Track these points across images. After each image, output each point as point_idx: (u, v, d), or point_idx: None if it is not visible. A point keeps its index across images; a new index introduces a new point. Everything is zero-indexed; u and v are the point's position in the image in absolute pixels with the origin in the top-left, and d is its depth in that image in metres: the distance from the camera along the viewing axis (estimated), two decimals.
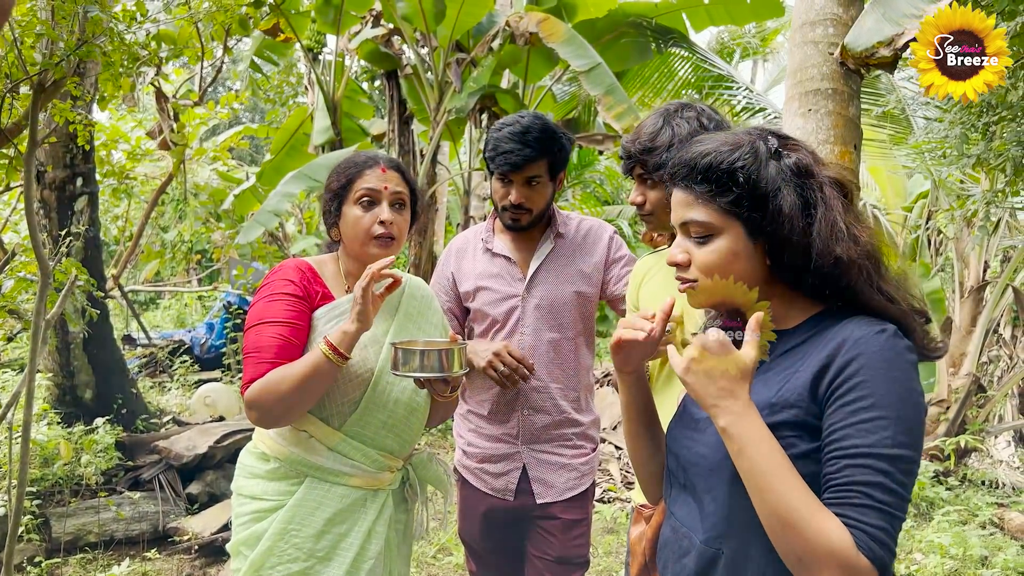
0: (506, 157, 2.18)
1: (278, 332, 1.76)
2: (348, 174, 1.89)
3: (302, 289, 1.83)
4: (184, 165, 7.25)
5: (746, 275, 1.19)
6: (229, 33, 6.15)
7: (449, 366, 1.74)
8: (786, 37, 18.41)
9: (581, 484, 2.34)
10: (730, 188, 1.18)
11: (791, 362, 1.18)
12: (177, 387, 7.31)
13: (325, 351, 1.68)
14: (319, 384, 1.71)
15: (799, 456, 1.09)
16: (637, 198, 1.83)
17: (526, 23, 6.42)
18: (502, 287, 2.34)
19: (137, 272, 12.66)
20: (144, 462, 4.82)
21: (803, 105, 3.14)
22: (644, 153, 1.76)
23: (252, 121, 19.32)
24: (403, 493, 2.01)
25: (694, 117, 1.77)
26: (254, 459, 1.91)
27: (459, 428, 2.48)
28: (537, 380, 2.29)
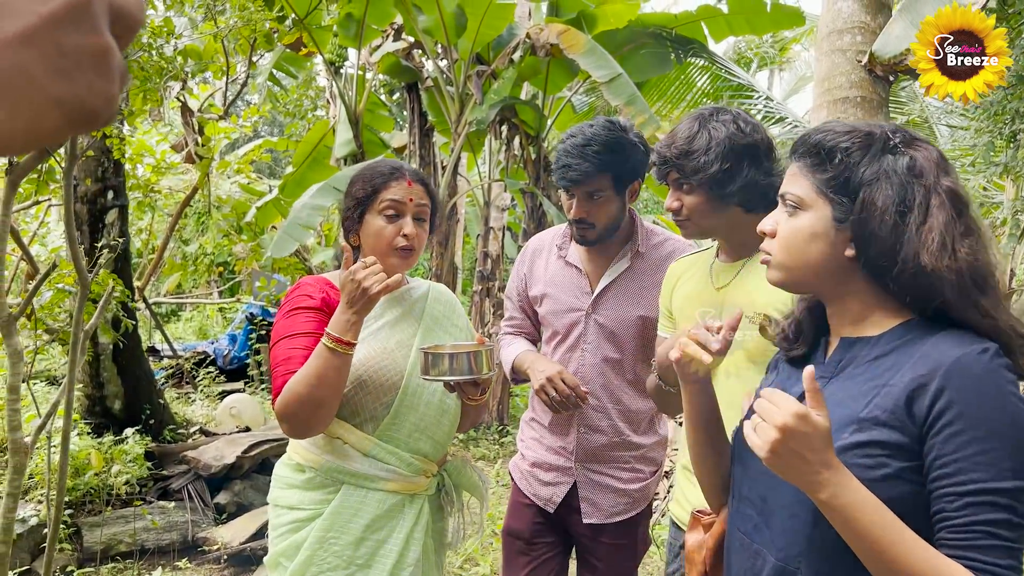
0: (563, 172, 2.12)
1: (301, 343, 1.78)
2: (374, 183, 1.90)
3: (322, 302, 1.86)
4: (209, 178, 7.34)
5: (822, 259, 1.16)
6: (255, 48, 6.23)
7: (478, 368, 1.75)
8: (804, 46, 18.38)
9: (632, 510, 2.28)
10: (826, 167, 1.16)
11: (877, 373, 1.12)
12: (202, 398, 7.37)
13: (327, 342, 1.69)
14: (333, 377, 1.70)
15: (890, 476, 1.04)
16: (673, 203, 1.80)
17: (547, 35, 6.46)
18: (568, 298, 2.29)
19: (159, 284, 12.78)
20: (173, 472, 4.87)
21: (831, 113, 3.14)
22: (681, 157, 1.74)
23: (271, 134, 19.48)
24: (439, 500, 2.03)
25: (730, 120, 1.75)
26: (289, 470, 1.93)
27: (523, 432, 2.47)
28: (595, 400, 2.25)
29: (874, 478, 1.04)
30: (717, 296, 1.81)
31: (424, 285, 2.09)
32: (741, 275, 1.79)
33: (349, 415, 1.85)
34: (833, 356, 1.22)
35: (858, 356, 1.16)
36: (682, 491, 1.89)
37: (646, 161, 2.21)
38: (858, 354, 1.16)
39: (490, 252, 8.19)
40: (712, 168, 1.71)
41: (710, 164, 1.71)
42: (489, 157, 8.57)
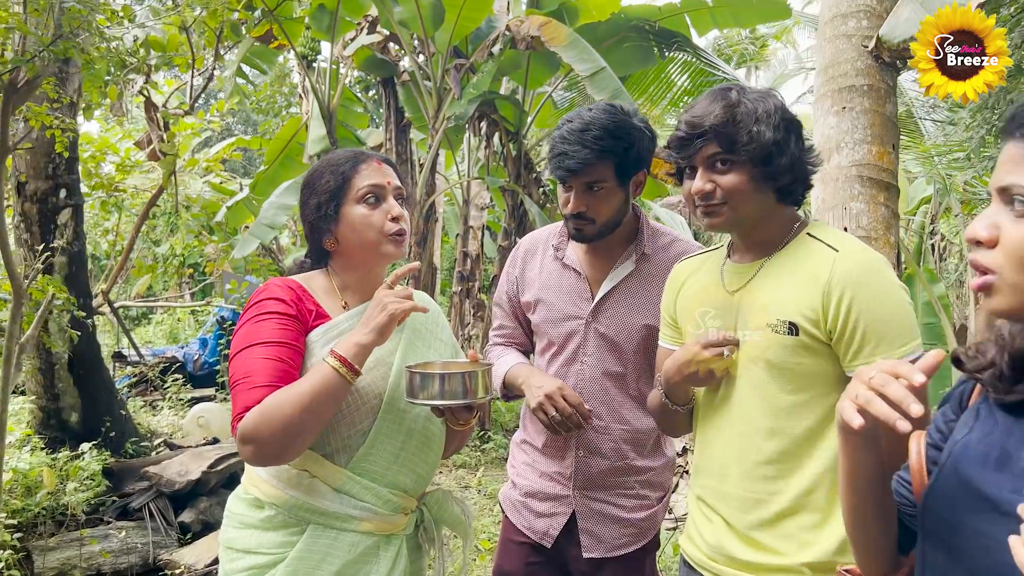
0: (560, 160, 1.88)
1: (271, 353, 1.52)
2: (343, 172, 1.67)
3: (293, 307, 1.60)
4: (175, 177, 7.02)
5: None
6: (221, 39, 5.94)
7: (473, 391, 1.52)
8: (784, 43, 18.33)
9: (637, 542, 2.04)
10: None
11: None
12: (169, 406, 7.06)
13: (334, 364, 1.46)
14: (328, 406, 1.48)
15: None
16: (706, 186, 1.51)
17: (527, 27, 6.23)
18: (565, 305, 2.04)
19: (128, 287, 12.41)
20: (133, 489, 4.58)
21: (836, 103, 2.93)
22: (726, 126, 1.47)
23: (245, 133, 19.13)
24: (417, 538, 1.78)
25: (765, 92, 1.54)
26: (245, 506, 1.66)
27: (513, 458, 2.21)
28: (597, 419, 2.00)
29: None
30: (731, 300, 1.58)
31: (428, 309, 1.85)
32: (759, 277, 1.56)
33: (318, 444, 1.58)
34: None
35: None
36: (696, 526, 1.65)
37: (653, 149, 1.97)
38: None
39: (469, 252, 7.96)
40: (766, 137, 1.47)
41: (762, 134, 1.47)
42: (468, 154, 8.34)
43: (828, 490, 1.45)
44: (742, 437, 1.53)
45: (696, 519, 1.65)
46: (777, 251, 1.56)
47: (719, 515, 1.57)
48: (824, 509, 1.46)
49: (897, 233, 2.93)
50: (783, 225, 1.58)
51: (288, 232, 11.33)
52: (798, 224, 1.59)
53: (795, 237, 1.57)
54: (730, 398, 1.56)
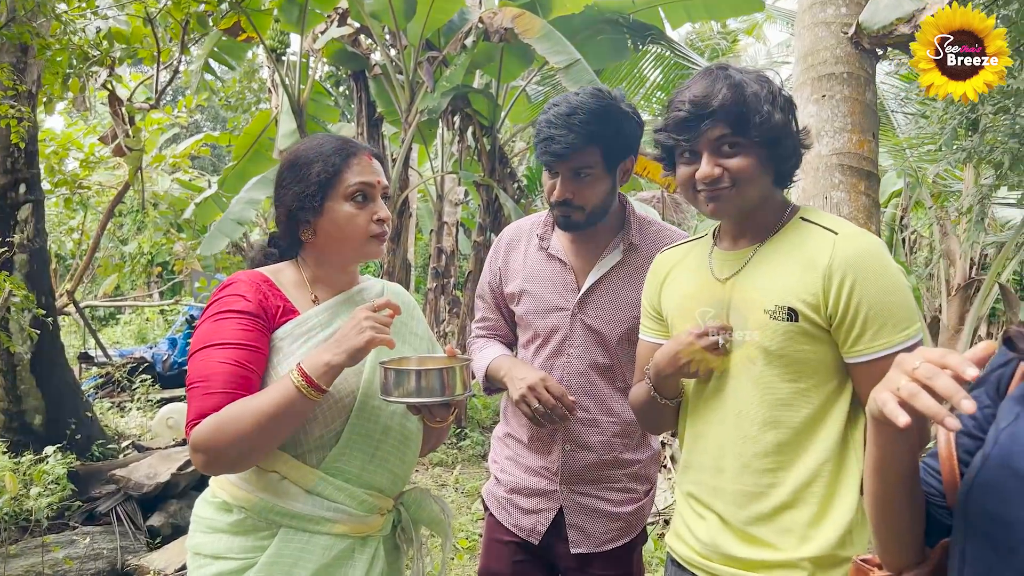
0: (546, 145, 1.82)
1: (230, 356, 1.45)
2: (334, 164, 1.59)
3: (257, 306, 1.52)
4: (141, 173, 6.87)
5: None
6: (187, 31, 5.79)
7: (452, 387, 1.45)
8: (756, 36, 18.44)
9: (625, 536, 1.99)
10: None
11: None
12: (138, 408, 6.90)
13: (297, 382, 1.38)
14: (288, 424, 1.41)
15: None
16: (713, 170, 1.43)
17: (500, 19, 6.16)
18: (550, 296, 1.98)
19: (95, 286, 12.17)
20: (100, 493, 4.45)
21: (816, 91, 2.90)
22: (735, 106, 1.40)
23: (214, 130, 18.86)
24: (395, 539, 1.70)
25: (757, 73, 1.47)
26: (213, 510, 1.58)
27: (496, 452, 2.15)
28: (584, 412, 1.95)
29: None
30: (721, 289, 1.52)
31: (378, 285, 1.78)
32: (753, 263, 1.50)
33: (288, 444, 1.51)
34: None
35: None
36: (686, 524, 1.59)
37: (640, 135, 1.92)
38: None
39: (444, 248, 7.88)
40: (776, 118, 1.41)
41: (772, 115, 1.41)
42: (441, 149, 8.25)
43: (828, 481, 1.41)
44: (738, 429, 1.47)
45: (686, 516, 1.59)
46: (771, 236, 1.51)
47: (713, 512, 1.52)
48: (824, 501, 1.41)
49: (878, 222, 2.91)
50: (777, 209, 1.53)
51: (259, 229, 11.17)
52: (790, 208, 1.55)
53: (789, 221, 1.52)
54: (724, 389, 1.50)
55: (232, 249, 8.65)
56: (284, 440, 1.46)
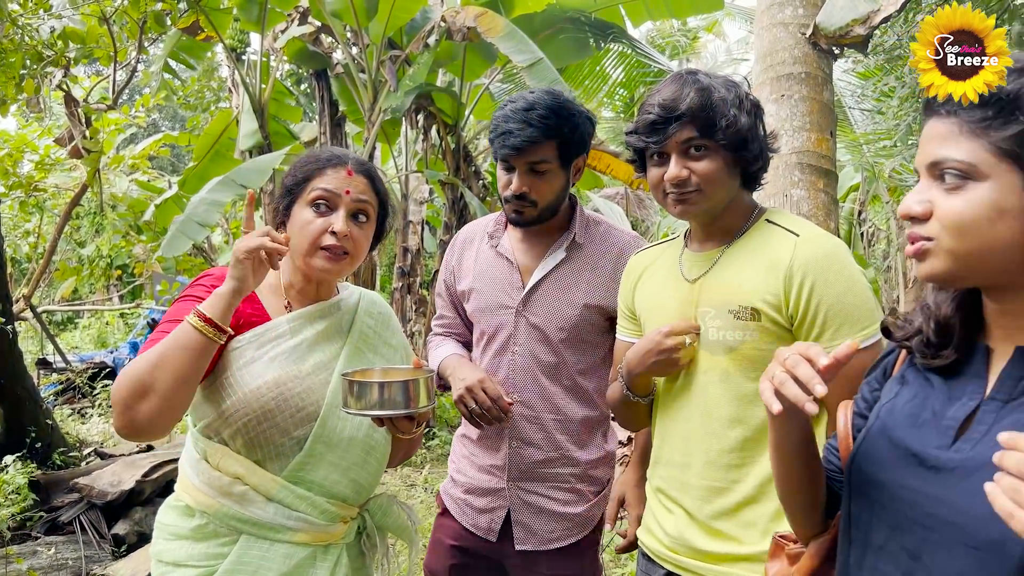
0: (505, 139, 1.85)
1: (171, 329, 1.45)
2: (307, 170, 1.59)
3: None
4: (99, 175, 6.74)
5: (1013, 242, 0.88)
6: (144, 31, 5.70)
7: (415, 400, 1.42)
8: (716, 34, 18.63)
9: (572, 535, 2.00)
10: (1014, 120, 0.87)
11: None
12: (99, 414, 6.78)
13: (191, 319, 1.38)
14: (179, 361, 1.37)
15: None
16: (681, 172, 1.47)
17: (463, 18, 6.16)
18: (496, 294, 2.01)
19: (52, 291, 11.90)
20: (63, 502, 4.37)
21: (775, 91, 2.96)
22: (704, 110, 1.44)
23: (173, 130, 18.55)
24: (360, 546, 1.70)
25: (724, 78, 1.53)
26: (176, 515, 1.57)
27: (455, 452, 2.17)
28: (528, 409, 1.97)
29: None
30: (691, 290, 1.56)
31: (355, 293, 1.76)
32: (720, 264, 1.54)
33: (247, 448, 1.50)
34: (1009, 371, 0.92)
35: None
36: (655, 518, 1.63)
37: (592, 135, 1.96)
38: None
39: (409, 247, 7.85)
40: (742, 123, 1.45)
41: (739, 119, 1.45)
42: (405, 148, 8.21)
43: None
44: (705, 426, 1.51)
45: (655, 511, 1.63)
46: (737, 238, 1.55)
47: (680, 506, 1.55)
48: None
49: (837, 219, 2.98)
50: (744, 212, 1.58)
51: (221, 230, 11.02)
52: (757, 210, 1.59)
53: (755, 223, 1.56)
54: (692, 388, 1.54)
55: (193, 251, 8.53)
56: (189, 389, 1.41)
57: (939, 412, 0.95)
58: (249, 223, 1.52)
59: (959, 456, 0.89)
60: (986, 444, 0.87)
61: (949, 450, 0.91)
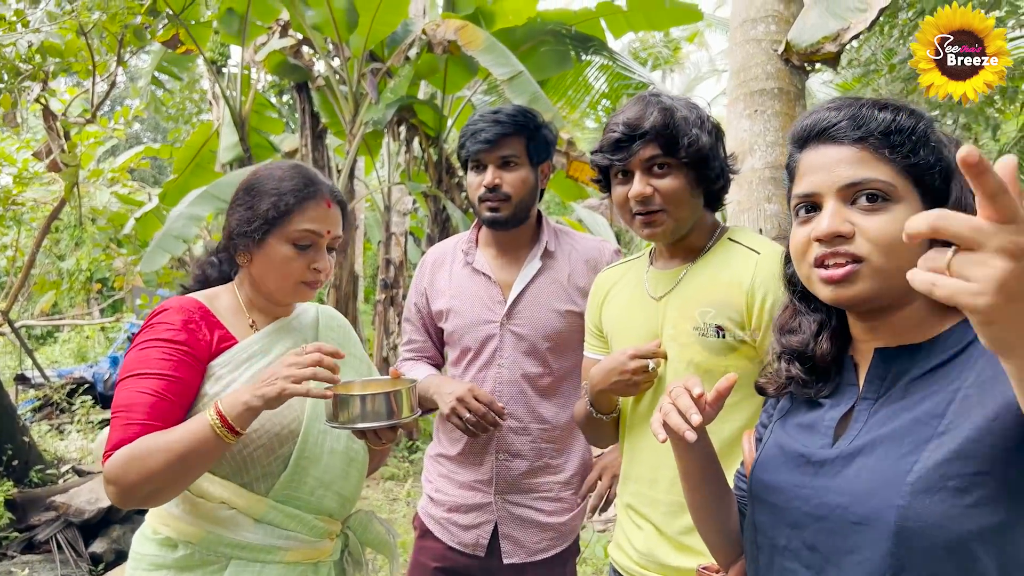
0: (476, 136, 1.95)
1: (151, 387, 1.42)
2: (287, 203, 1.55)
3: (187, 334, 1.49)
4: (78, 188, 6.69)
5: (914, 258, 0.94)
6: (123, 44, 5.68)
7: (399, 410, 1.42)
8: (697, 45, 18.79)
9: (556, 546, 2.04)
10: (918, 148, 0.96)
11: (945, 383, 0.93)
12: (78, 430, 6.71)
13: (214, 422, 1.34)
14: (200, 463, 1.38)
15: (986, 499, 0.85)
16: (645, 189, 1.50)
17: (443, 31, 6.18)
18: (478, 311, 2.03)
19: (32, 304, 11.79)
20: (39, 520, 4.31)
21: (748, 106, 2.99)
22: (667, 129, 1.48)
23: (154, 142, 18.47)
24: (343, 563, 1.69)
25: (686, 100, 1.58)
26: (156, 547, 1.53)
27: (429, 472, 2.17)
28: (516, 421, 1.99)
29: (968, 504, 0.86)
30: (657, 307, 1.58)
31: (311, 309, 1.75)
32: (684, 282, 1.56)
33: (234, 473, 1.49)
34: (873, 373, 1.01)
35: (908, 369, 0.98)
36: (625, 534, 1.64)
37: (555, 145, 2.06)
38: (907, 366, 0.98)
39: (392, 259, 7.85)
40: (703, 141, 1.49)
41: (700, 138, 1.49)
42: (388, 159, 8.22)
43: None
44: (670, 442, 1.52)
45: (625, 527, 1.64)
46: (701, 256, 1.58)
47: (649, 522, 1.56)
48: None
49: None
50: (707, 230, 1.61)
51: (202, 243, 10.96)
52: (719, 229, 1.62)
53: (717, 241, 1.59)
54: (658, 403, 1.55)
55: (175, 264, 8.48)
56: (196, 478, 1.42)
57: (820, 419, 1.05)
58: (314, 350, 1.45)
59: (838, 450, 0.99)
60: (861, 438, 0.97)
61: (831, 448, 1.00)
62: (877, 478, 0.91)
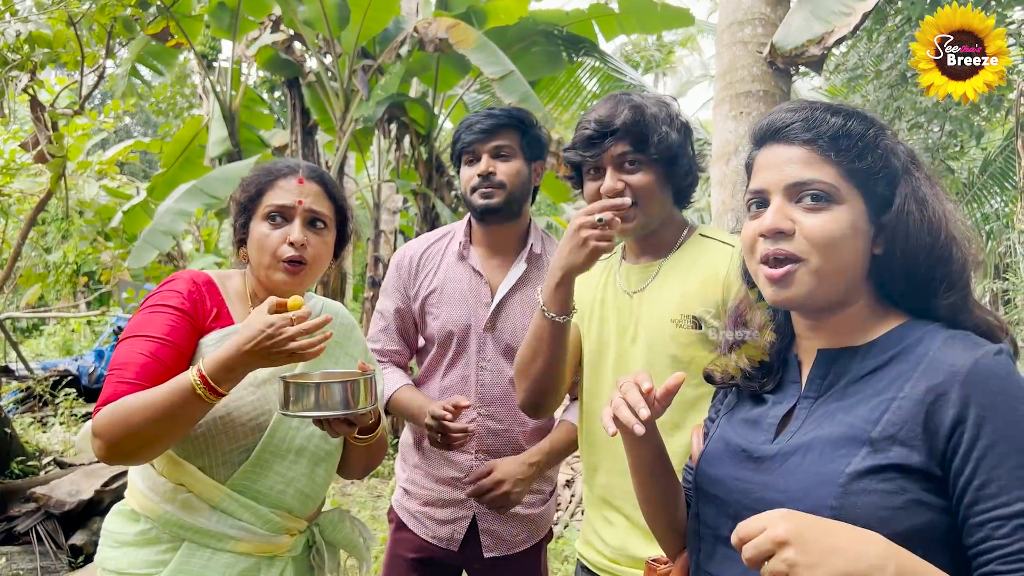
0: (469, 129, 1.98)
1: (149, 349, 1.45)
2: (259, 184, 1.60)
3: (189, 304, 1.52)
4: (65, 180, 6.65)
5: (854, 261, 1.00)
6: (112, 35, 5.66)
7: (355, 401, 1.39)
8: (688, 49, 18.86)
9: (535, 537, 2.07)
10: (865, 154, 0.99)
11: (881, 387, 0.97)
12: (61, 423, 6.68)
13: (194, 381, 1.35)
14: (181, 420, 1.39)
15: (913, 503, 0.90)
16: (616, 184, 1.53)
17: (435, 29, 6.18)
18: (464, 312, 2.02)
19: (17, 297, 11.71)
20: (19, 512, 4.30)
21: (734, 108, 3.01)
22: (636, 125, 1.51)
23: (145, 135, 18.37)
24: (309, 560, 1.68)
25: (659, 98, 1.61)
26: (121, 521, 1.56)
27: (402, 463, 2.16)
28: (496, 422, 2.01)
29: (896, 505, 0.90)
30: (630, 303, 1.60)
31: (318, 303, 1.76)
32: (659, 276, 1.58)
33: (195, 454, 1.50)
34: (814, 373, 1.06)
35: (848, 369, 1.02)
36: (594, 529, 1.64)
37: (548, 147, 2.08)
38: (847, 367, 1.02)
39: (381, 257, 7.83)
40: (672, 138, 1.53)
41: (669, 135, 1.52)
42: (378, 157, 8.21)
43: None
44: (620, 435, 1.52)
45: (595, 522, 1.64)
46: (673, 251, 1.61)
47: (621, 514, 1.57)
48: None
49: None
50: (677, 227, 1.64)
51: (192, 238, 10.92)
52: (689, 227, 1.66)
53: (689, 238, 1.62)
54: None
55: (163, 259, 8.45)
56: (180, 436, 1.43)
57: (764, 415, 1.09)
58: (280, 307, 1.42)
59: (777, 447, 1.02)
60: (800, 435, 1.01)
61: (772, 444, 1.03)
62: (812, 478, 0.95)
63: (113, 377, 1.43)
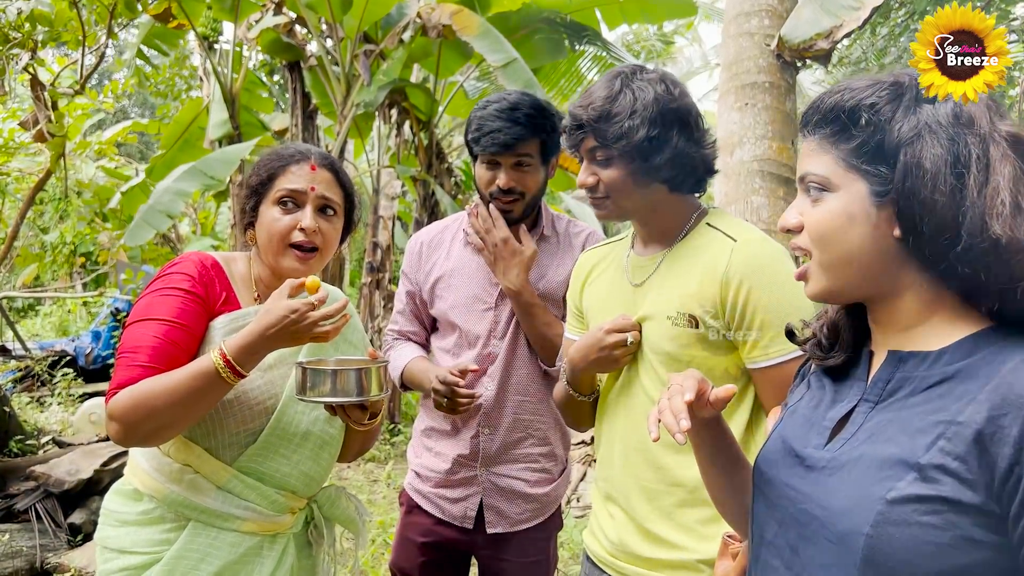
0: (493, 137, 1.93)
1: (162, 331, 1.45)
2: (271, 168, 1.61)
3: (201, 287, 1.53)
4: (64, 160, 6.64)
5: (865, 248, 0.93)
6: (114, 15, 5.63)
7: (368, 388, 1.44)
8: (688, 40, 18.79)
9: (539, 516, 2.08)
10: (852, 133, 0.93)
11: (942, 405, 0.87)
12: (59, 402, 6.69)
13: (218, 363, 1.37)
14: (202, 403, 1.41)
15: (965, 540, 0.81)
16: (588, 178, 1.53)
17: (438, 15, 6.16)
18: (475, 290, 2.07)
19: (14, 276, 11.69)
20: (18, 490, 4.30)
21: (739, 99, 3.02)
22: (600, 121, 1.47)
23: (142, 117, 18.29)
24: (307, 536, 1.71)
25: (657, 80, 1.50)
26: (123, 500, 1.57)
27: (415, 447, 2.20)
28: (506, 398, 2.05)
29: (943, 542, 0.81)
30: (634, 294, 1.58)
31: (322, 290, 1.78)
32: (660, 270, 1.55)
33: (202, 436, 1.51)
34: (879, 374, 0.96)
35: (913, 377, 0.92)
36: (599, 523, 1.65)
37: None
38: (912, 374, 0.92)
39: (380, 242, 7.83)
40: (638, 134, 1.45)
41: (635, 130, 1.45)
42: (378, 142, 8.19)
43: None
44: (642, 429, 1.52)
45: (599, 515, 1.65)
46: (677, 242, 1.55)
47: (621, 508, 1.57)
48: None
49: None
50: (681, 214, 1.57)
51: (188, 220, 10.90)
52: (697, 213, 1.58)
53: (695, 227, 1.56)
54: (631, 391, 1.57)
55: (159, 240, 8.44)
56: (199, 419, 1.46)
57: (823, 414, 1.01)
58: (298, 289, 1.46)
59: (828, 455, 0.95)
60: (852, 444, 0.93)
61: (823, 449, 0.96)
62: (853, 500, 0.88)
63: (126, 360, 1.43)
